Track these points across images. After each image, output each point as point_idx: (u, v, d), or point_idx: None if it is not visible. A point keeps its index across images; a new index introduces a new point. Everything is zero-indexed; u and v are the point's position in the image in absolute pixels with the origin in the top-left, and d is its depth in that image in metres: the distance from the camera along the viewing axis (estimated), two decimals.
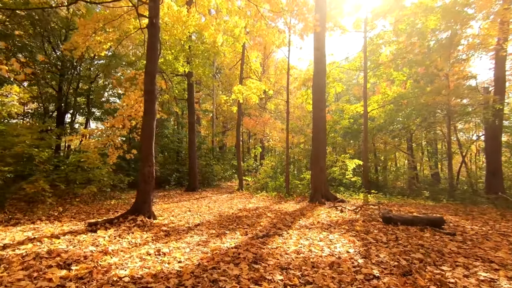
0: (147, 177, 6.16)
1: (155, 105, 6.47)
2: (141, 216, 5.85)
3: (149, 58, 6.46)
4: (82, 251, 3.83)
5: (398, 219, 5.84)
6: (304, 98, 15.91)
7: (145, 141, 6.27)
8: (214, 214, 7.39)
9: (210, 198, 11.69)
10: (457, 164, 21.38)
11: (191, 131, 14.48)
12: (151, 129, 6.33)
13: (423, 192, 12.88)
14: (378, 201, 9.92)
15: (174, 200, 10.65)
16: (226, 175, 21.18)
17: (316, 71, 10.68)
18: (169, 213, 7.46)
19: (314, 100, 10.76)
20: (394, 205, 9.13)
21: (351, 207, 8.21)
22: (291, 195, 11.76)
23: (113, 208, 8.01)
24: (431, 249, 4.17)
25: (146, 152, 6.23)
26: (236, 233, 5.21)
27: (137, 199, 6.17)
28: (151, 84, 6.40)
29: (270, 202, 10.52)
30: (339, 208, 8.10)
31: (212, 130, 22.06)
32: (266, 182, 14.59)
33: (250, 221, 6.35)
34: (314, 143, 10.56)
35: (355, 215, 6.91)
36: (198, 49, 12.49)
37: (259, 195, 12.29)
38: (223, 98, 11.50)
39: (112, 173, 10.53)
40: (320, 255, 3.88)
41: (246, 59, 15.70)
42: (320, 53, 10.66)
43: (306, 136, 19.20)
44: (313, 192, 10.24)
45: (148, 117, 6.32)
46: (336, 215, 7.00)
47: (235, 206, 9.04)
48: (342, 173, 13.84)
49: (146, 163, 6.18)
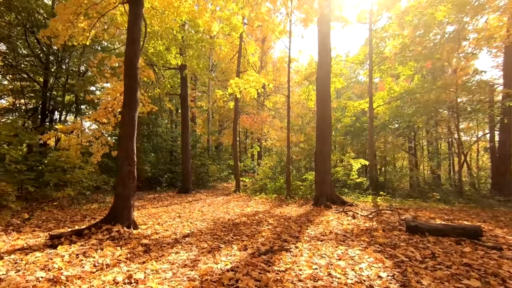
0: (126, 178, 5.15)
1: (137, 93, 5.46)
2: (118, 226, 4.85)
3: (130, 36, 5.45)
4: (24, 279, 2.82)
5: (425, 228, 4.91)
6: (305, 94, 14.98)
7: (125, 135, 5.27)
8: (207, 221, 6.40)
9: (204, 201, 10.69)
10: (456, 164, 20.65)
11: (184, 128, 13.47)
12: (132, 122, 5.33)
13: (434, 194, 12.04)
14: (389, 204, 9.01)
15: (164, 204, 9.63)
16: (222, 175, 20.16)
17: (321, 63, 9.75)
18: (155, 219, 6.45)
19: (319, 95, 9.84)
20: (407, 209, 8.22)
21: (362, 211, 7.28)
22: (292, 198, 10.81)
23: (91, 213, 6.98)
24: (484, 271, 3.24)
25: (125, 148, 5.22)
26: (233, 247, 4.23)
27: (115, 204, 5.16)
28: (132, 68, 5.40)
29: (270, 205, 9.56)
30: (349, 213, 7.16)
31: (208, 128, 21.03)
32: (265, 183, 13.62)
33: (249, 230, 5.37)
34: (318, 142, 9.63)
35: (371, 222, 5.97)
36: (191, 39, 11.48)
37: (257, 197, 11.32)
38: (219, 93, 10.50)
39: (95, 174, 9.49)
40: (344, 283, 2.92)
41: (244, 52, 14.74)
42: (325, 41, 9.73)
43: (306, 135, 18.27)
44: (317, 194, 9.31)
45: (129, 107, 5.32)
46: (348, 222, 6.06)
47: (232, 211, 8.06)
48: (346, 174, 12.92)
49: (125, 162, 5.18)
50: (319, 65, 9.80)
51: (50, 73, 14.51)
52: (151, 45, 11.78)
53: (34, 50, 14.85)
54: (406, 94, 13.51)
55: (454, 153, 19.57)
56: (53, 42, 9.21)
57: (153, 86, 13.41)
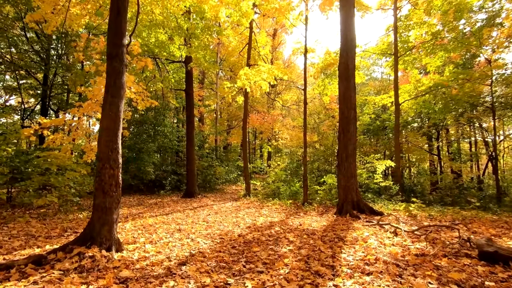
0: (107, 185, 3.99)
1: (124, 77, 4.30)
2: (95, 249, 3.68)
3: (114, 5, 4.30)
4: None
5: (509, 257, 3.56)
6: (320, 88, 13.66)
7: (106, 129, 4.11)
8: (212, 237, 5.19)
9: (210, 207, 9.51)
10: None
11: (189, 126, 12.34)
12: (116, 112, 4.17)
13: (471, 200, 10.54)
14: (428, 214, 7.61)
15: (165, 211, 8.49)
16: (231, 177, 18.99)
17: (344, 49, 8.43)
18: (148, 235, 5.27)
19: (342, 86, 8.51)
20: (453, 220, 6.82)
21: (400, 224, 5.94)
22: (310, 204, 9.52)
23: (76, 226, 5.87)
24: None
25: (107, 146, 4.06)
26: (247, 285, 3.00)
27: (92, 219, 4.00)
28: (116, 45, 4.25)
29: (286, 213, 8.31)
30: (386, 227, 5.83)
31: (215, 127, 19.90)
32: (278, 187, 12.35)
33: (265, 254, 4.13)
34: (342, 140, 8.32)
35: (422, 242, 4.63)
36: (196, 27, 10.34)
37: (270, 203, 10.07)
38: (227, 85, 9.33)
39: (88, 177, 8.43)
40: None
41: (254, 44, 13.53)
42: (349, 23, 8.42)
43: (321, 134, 16.93)
44: (341, 201, 8.00)
45: (112, 93, 4.16)
46: (392, 242, 4.73)
47: (242, 221, 6.84)
48: (369, 177, 11.53)
49: (106, 164, 4.02)
50: (342, 52, 8.48)
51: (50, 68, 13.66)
52: (153, 35, 10.71)
53: (34, 46, 14.07)
54: (436, 87, 12.00)
55: (497, 153, 17.91)
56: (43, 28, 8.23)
57: (155, 81, 12.33)
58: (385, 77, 26.97)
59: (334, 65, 12.12)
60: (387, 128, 19.64)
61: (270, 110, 21.84)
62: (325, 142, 15.37)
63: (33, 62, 14.16)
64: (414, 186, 11.63)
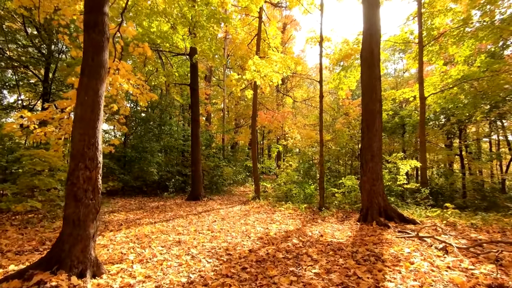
0: (82, 190, 3.10)
1: (105, 55, 3.41)
2: (62, 275, 2.79)
3: None
4: None
5: None
6: (336, 82, 12.59)
7: (81, 120, 3.22)
8: (217, 253, 4.25)
9: (217, 212, 8.59)
10: None
11: (194, 123, 11.47)
12: (94, 98, 3.27)
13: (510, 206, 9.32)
14: (470, 223, 6.49)
15: (166, 216, 7.61)
16: (239, 178, 18.07)
17: (368, 31, 7.39)
18: (141, 249, 4.36)
19: (365, 75, 7.47)
20: (502, 231, 5.71)
21: (439, 235, 4.88)
22: (327, 209, 8.51)
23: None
24: None
25: (81, 141, 3.17)
26: None
27: (61, 235, 3.11)
28: (94, 11, 3.36)
29: (301, 219, 7.33)
30: (427, 240, 4.78)
31: (223, 125, 19.00)
32: (290, 189, 11.35)
33: (285, 280, 3.16)
34: (365, 137, 7.27)
35: (485, 265, 3.58)
36: (202, 14, 9.46)
37: (283, 207, 9.08)
38: (234, 76, 8.41)
39: None
40: None
41: (263, 34, 12.59)
42: (373, 1, 7.38)
43: (334, 133, 15.84)
44: (365, 207, 6.96)
45: (88, 74, 3.27)
46: (447, 264, 3.68)
47: (253, 230, 5.89)
48: (392, 178, 10.42)
49: (80, 164, 3.12)
50: (366, 35, 7.44)
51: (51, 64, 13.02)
52: (154, 24, 9.88)
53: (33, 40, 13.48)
54: (466, 79, 10.79)
55: (511, 153, 16.53)
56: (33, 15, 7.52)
57: (157, 75, 11.51)
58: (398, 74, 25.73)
59: (351, 55, 11.07)
60: (404, 125, 18.42)
61: (279, 108, 20.84)
62: (340, 141, 14.28)
63: (33, 58, 13.58)
64: (442, 189, 10.46)
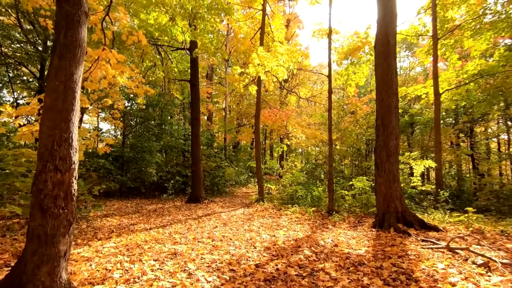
0: (51, 198, 2.50)
1: (81, 31, 2.81)
2: None
3: None
4: None
5: None
6: (344, 78, 11.96)
7: (50, 111, 2.62)
8: (219, 269, 3.64)
9: (218, 215, 7.99)
10: None
11: (194, 121, 10.89)
12: (66, 84, 2.67)
13: None
14: (500, 230, 5.84)
15: (163, 221, 7.01)
16: (241, 179, 17.47)
17: (383, 20, 6.77)
18: (129, 264, 3.76)
19: (380, 68, 6.87)
20: None
21: (470, 245, 4.24)
22: (337, 213, 7.88)
23: None
24: None
25: (50, 136, 2.57)
26: None
27: (24, 253, 2.51)
28: None
29: (310, 224, 6.71)
30: (461, 252, 4.14)
31: (224, 124, 18.40)
32: (295, 191, 10.73)
33: None
34: (381, 135, 6.65)
35: None
36: (202, 5, 8.87)
37: (289, 211, 8.46)
38: (236, 69, 7.81)
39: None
40: None
41: (267, 28, 11.98)
42: None
43: (341, 132, 15.20)
44: (381, 211, 6.33)
45: (60, 54, 2.68)
46: (490, 282, 3.07)
47: (258, 238, 5.27)
48: (403, 180, 9.79)
49: (48, 164, 2.52)
50: (381, 24, 6.82)
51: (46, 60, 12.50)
52: (152, 16, 9.31)
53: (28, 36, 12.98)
54: (483, 74, 10.12)
55: None
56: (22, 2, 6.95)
57: (155, 69, 10.93)
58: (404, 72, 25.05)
59: (361, 48, 10.44)
60: (413, 124, 17.76)
61: (283, 107, 20.21)
62: (347, 141, 13.64)
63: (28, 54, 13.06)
64: (459, 191, 9.80)
